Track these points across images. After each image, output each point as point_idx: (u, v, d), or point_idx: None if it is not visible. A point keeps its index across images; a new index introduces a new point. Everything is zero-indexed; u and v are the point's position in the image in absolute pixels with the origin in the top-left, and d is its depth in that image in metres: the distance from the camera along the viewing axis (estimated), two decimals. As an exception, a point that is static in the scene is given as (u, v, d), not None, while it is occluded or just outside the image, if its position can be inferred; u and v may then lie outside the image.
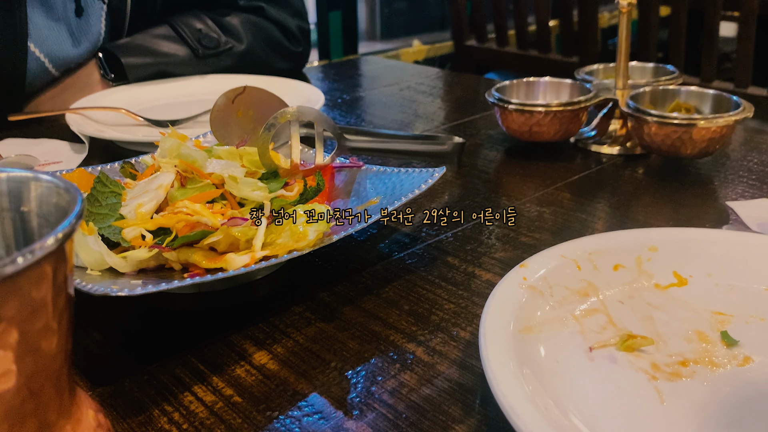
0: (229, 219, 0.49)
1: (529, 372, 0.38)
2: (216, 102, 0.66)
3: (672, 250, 0.50)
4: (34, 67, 0.98)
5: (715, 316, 0.45)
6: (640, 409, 0.38)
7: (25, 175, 0.30)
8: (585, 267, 0.48)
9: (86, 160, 0.80)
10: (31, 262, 0.23)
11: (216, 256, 0.48)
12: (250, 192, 0.51)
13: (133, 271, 0.48)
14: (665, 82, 0.84)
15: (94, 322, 0.49)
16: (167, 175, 0.52)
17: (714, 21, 1.69)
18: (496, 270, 0.55)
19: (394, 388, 0.42)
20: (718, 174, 0.74)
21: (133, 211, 0.50)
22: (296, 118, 0.57)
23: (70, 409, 0.29)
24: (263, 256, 0.47)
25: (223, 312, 0.50)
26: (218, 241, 0.48)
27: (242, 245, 0.48)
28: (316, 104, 0.91)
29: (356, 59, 1.49)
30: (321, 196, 0.57)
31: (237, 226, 0.48)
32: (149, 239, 0.48)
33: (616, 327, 0.45)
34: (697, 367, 0.41)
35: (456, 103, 1.09)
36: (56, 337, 0.27)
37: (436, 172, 0.56)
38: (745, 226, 0.61)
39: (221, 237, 0.48)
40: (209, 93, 0.96)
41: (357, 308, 0.50)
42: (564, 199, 0.68)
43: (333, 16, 2.28)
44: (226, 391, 0.42)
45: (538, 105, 0.77)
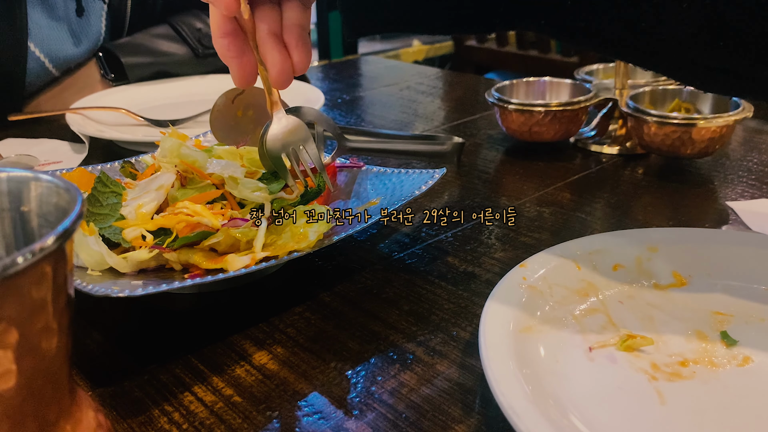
0: (229, 220, 0.49)
1: (529, 372, 0.38)
2: (216, 102, 0.66)
3: (672, 250, 0.50)
4: (34, 67, 0.98)
5: (715, 316, 0.45)
6: (640, 409, 0.38)
7: (25, 175, 0.30)
8: (585, 267, 0.48)
9: (86, 160, 0.80)
10: (31, 262, 0.23)
11: (216, 257, 0.48)
12: (250, 193, 0.51)
13: (133, 272, 0.48)
14: (665, 82, 0.84)
15: (94, 322, 0.49)
16: (168, 176, 0.52)
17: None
18: (496, 270, 0.55)
19: (394, 388, 0.42)
20: (718, 174, 0.74)
21: (133, 212, 0.50)
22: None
23: (70, 409, 0.29)
24: (263, 257, 0.47)
25: (223, 312, 0.50)
26: (219, 242, 0.48)
27: (243, 246, 0.48)
28: (316, 104, 0.91)
29: (356, 59, 1.49)
30: (321, 197, 0.57)
31: (237, 228, 0.48)
32: (150, 240, 0.48)
33: (616, 327, 0.45)
34: (697, 367, 0.41)
35: (456, 103, 1.09)
36: (56, 337, 0.27)
37: (436, 174, 0.56)
38: (745, 226, 0.61)
39: (221, 238, 0.48)
40: (209, 93, 0.96)
41: (357, 308, 0.50)
42: (564, 199, 0.68)
43: (333, 16, 2.28)
44: (226, 391, 0.42)
45: (538, 105, 0.77)
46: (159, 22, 1.10)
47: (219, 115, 0.66)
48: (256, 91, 0.67)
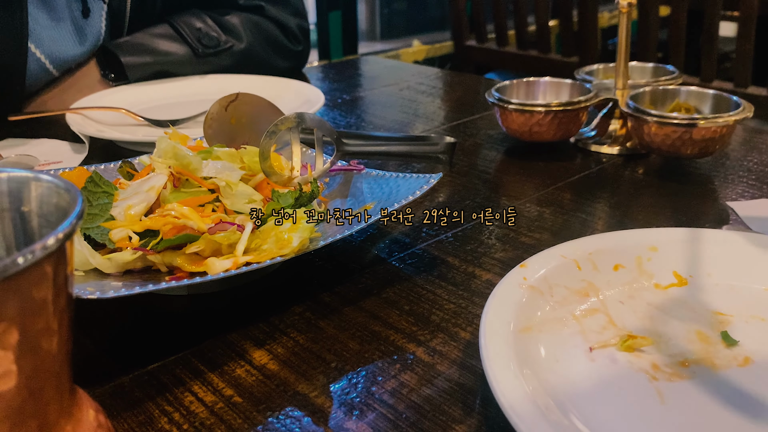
0: (217, 223, 0.49)
1: (529, 372, 0.38)
2: (209, 110, 0.65)
3: (672, 250, 0.50)
4: (34, 67, 0.98)
5: (715, 316, 0.45)
6: (640, 409, 0.38)
7: (25, 175, 0.30)
8: (585, 267, 0.48)
9: (86, 160, 0.79)
10: (31, 262, 0.23)
11: (200, 260, 0.48)
12: (243, 205, 0.52)
13: (118, 272, 0.48)
14: (665, 82, 0.84)
15: (94, 322, 0.49)
16: (160, 177, 0.52)
17: (714, 21, 1.69)
18: (496, 270, 0.55)
19: (394, 389, 0.42)
20: (718, 174, 0.74)
21: (122, 212, 0.50)
22: (296, 124, 0.57)
23: (71, 409, 0.29)
24: (245, 262, 0.47)
25: (224, 312, 0.50)
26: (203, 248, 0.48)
27: (224, 249, 0.48)
28: (317, 104, 0.91)
29: (356, 59, 1.49)
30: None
31: (220, 233, 0.48)
32: (135, 241, 0.48)
33: (616, 327, 0.45)
34: (697, 367, 0.41)
35: (456, 103, 1.09)
36: (56, 337, 0.27)
37: (432, 178, 0.56)
38: (745, 226, 0.61)
39: (202, 247, 0.47)
40: (209, 93, 0.96)
41: (357, 308, 0.50)
42: (564, 199, 0.68)
43: (333, 16, 2.28)
44: (226, 391, 0.42)
45: (538, 105, 0.77)
46: (159, 21, 1.09)
47: (212, 123, 0.66)
48: (249, 98, 0.67)
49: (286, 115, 0.58)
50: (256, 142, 0.57)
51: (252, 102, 0.67)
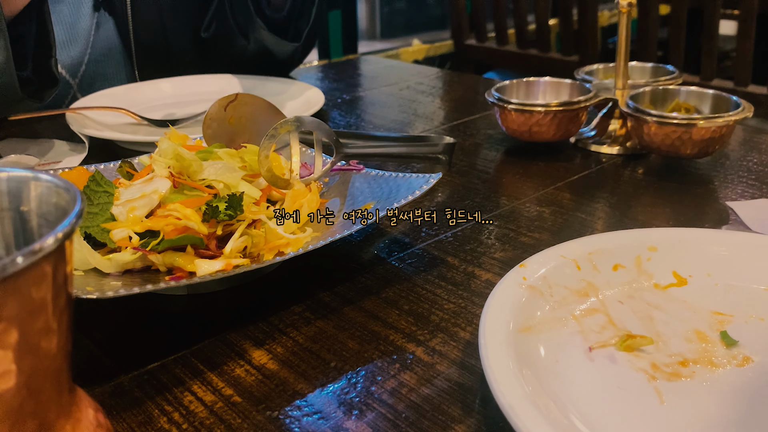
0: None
1: (529, 372, 0.38)
2: (208, 111, 0.65)
3: (672, 250, 0.50)
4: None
5: (715, 316, 0.45)
6: (640, 409, 0.38)
7: (25, 175, 0.30)
8: (585, 267, 0.48)
9: (86, 160, 0.79)
10: (31, 262, 0.23)
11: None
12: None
13: (118, 272, 0.48)
14: (665, 82, 0.84)
15: (93, 322, 0.49)
16: (164, 181, 0.52)
17: (714, 19, 1.69)
18: (495, 270, 0.55)
19: (393, 388, 0.42)
20: (718, 174, 0.74)
21: (124, 213, 0.50)
22: (296, 127, 0.57)
23: (70, 409, 0.29)
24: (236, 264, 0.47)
25: (223, 312, 0.50)
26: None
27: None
28: (317, 104, 0.91)
29: (356, 59, 1.49)
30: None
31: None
32: (135, 241, 0.48)
33: (616, 327, 0.45)
34: (697, 367, 0.41)
35: (456, 103, 1.09)
36: (56, 337, 0.27)
37: (431, 178, 0.56)
38: (745, 226, 0.61)
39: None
40: (209, 93, 0.96)
41: (357, 308, 0.50)
42: (564, 199, 0.68)
43: (333, 16, 2.28)
44: (225, 391, 0.42)
45: (537, 105, 0.77)
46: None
47: (212, 123, 0.66)
48: (248, 99, 0.67)
49: (285, 118, 0.58)
50: (256, 143, 0.57)
51: (251, 102, 0.67)
